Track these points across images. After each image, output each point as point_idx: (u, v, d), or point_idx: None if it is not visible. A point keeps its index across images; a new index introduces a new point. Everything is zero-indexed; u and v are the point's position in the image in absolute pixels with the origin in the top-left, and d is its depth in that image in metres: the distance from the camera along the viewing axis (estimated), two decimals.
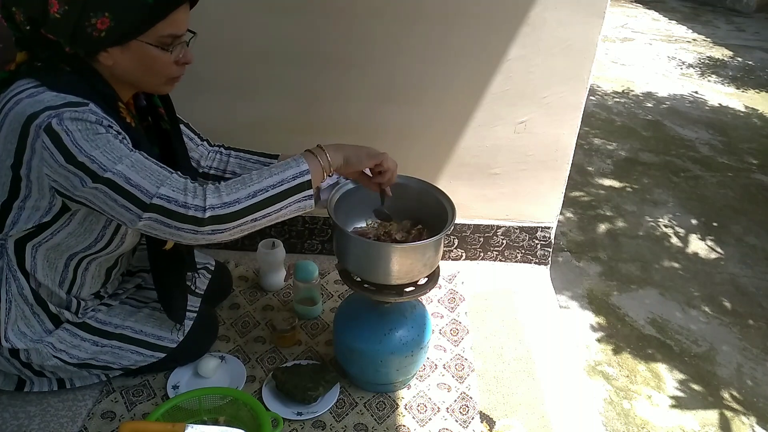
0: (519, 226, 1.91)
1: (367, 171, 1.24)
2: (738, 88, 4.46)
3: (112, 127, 1.03)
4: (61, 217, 1.11)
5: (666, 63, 4.96)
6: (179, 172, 1.06)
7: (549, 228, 1.91)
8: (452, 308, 1.73)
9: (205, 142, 1.44)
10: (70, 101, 1.00)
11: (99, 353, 1.30)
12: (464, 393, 1.44)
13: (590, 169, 3.11)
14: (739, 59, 5.14)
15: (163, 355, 1.37)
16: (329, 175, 1.16)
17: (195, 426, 1.12)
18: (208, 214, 1.01)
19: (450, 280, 1.85)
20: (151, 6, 1.01)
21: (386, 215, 1.33)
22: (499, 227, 1.91)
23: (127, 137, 1.06)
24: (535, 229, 1.91)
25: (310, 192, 1.09)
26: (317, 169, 1.11)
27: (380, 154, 1.20)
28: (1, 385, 1.33)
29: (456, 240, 1.94)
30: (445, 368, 1.51)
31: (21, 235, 1.13)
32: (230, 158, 1.43)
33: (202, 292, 1.51)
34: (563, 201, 1.88)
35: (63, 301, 1.26)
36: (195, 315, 1.43)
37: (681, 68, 4.85)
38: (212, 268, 1.60)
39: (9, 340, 1.20)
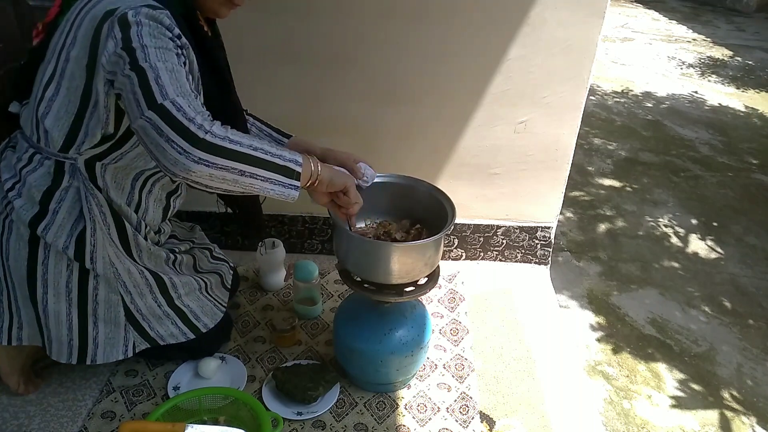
0: (519, 226, 1.91)
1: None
2: (738, 88, 4.46)
3: (180, 39, 1.07)
4: (130, 137, 1.18)
5: (666, 63, 4.96)
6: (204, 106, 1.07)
7: (549, 228, 1.91)
8: (452, 308, 1.73)
9: None
10: (149, 4, 1.04)
11: (150, 314, 1.32)
12: (464, 393, 1.44)
13: (590, 169, 3.11)
14: (739, 59, 5.14)
15: (193, 336, 1.38)
16: (311, 185, 1.14)
17: (195, 426, 1.12)
18: (207, 137, 0.98)
19: (450, 280, 1.85)
20: None
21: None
22: (499, 227, 1.91)
23: (191, 59, 1.11)
24: (535, 229, 1.91)
25: (297, 183, 1.07)
26: (307, 171, 1.11)
27: (351, 185, 1.19)
28: (29, 339, 1.29)
29: (456, 240, 1.94)
30: (445, 368, 1.51)
31: (90, 155, 1.18)
32: (252, 126, 1.46)
33: (230, 286, 1.56)
34: (563, 201, 1.88)
35: (134, 220, 1.29)
36: (225, 310, 1.47)
37: (681, 68, 4.85)
38: (232, 265, 1.64)
39: (95, 262, 1.23)
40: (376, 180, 1.34)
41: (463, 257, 1.97)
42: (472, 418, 1.37)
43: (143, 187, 1.29)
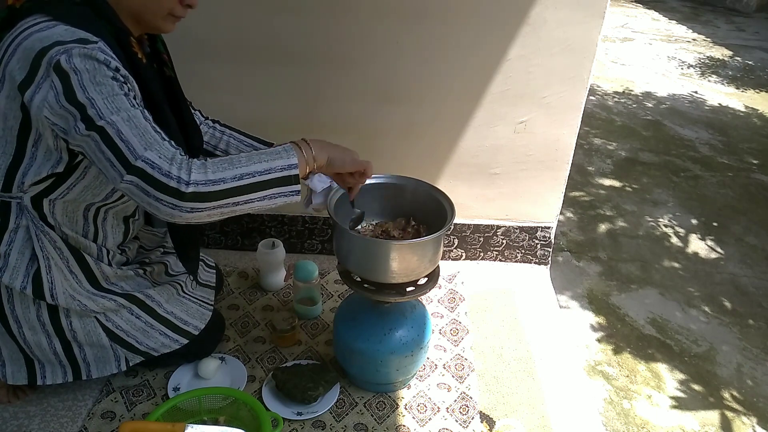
0: (519, 226, 1.91)
1: None
2: (738, 88, 4.46)
3: (119, 71, 1.02)
4: (75, 169, 1.12)
5: (666, 63, 4.96)
6: (173, 142, 1.04)
7: (549, 228, 1.91)
8: (452, 308, 1.73)
9: (197, 112, 1.44)
10: (80, 38, 0.99)
11: (133, 329, 1.30)
12: (464, 393, 1.44)
13: (590, 169, 3.11)
14: (739, 59, 5.14)
15: (186, 341, 1.37)
16: (311, 172, 1.14)
17: (195, 426, 1.12)
18: (191, 189, 0.98)
19: (450, 280, 1.85)
20: None
21: (359, 214, 1.32)
22: (499, 227, 1.91)
23: (135, 88, 1.06)
24: (535, 229, 1.91)
25: (298, 187, 1.07)
26: (302, 164, 1.10)
27: (363, 163, 1.18)
28: (12, 378, 1.27)
29: (456, 240, 1.94)
30: (445, 368, 1.51)
31: (37, 192, 1.14)
32: (224, 136, 1.43)
33: (214, 284, 1.54)
34: (563, 201, 1.88)
35: (94, 250, 1.26)
36: (212, 308, 1.46)
37: (681, 68, 4.85)
38: (211, 263, 1.62)
39: (56, 298, 1.19)
40: (375, 181, 1.34)
41: (463, 257, 1.97)
42: (472, 418, 1.37)
43: (96, 217, 1.25)
